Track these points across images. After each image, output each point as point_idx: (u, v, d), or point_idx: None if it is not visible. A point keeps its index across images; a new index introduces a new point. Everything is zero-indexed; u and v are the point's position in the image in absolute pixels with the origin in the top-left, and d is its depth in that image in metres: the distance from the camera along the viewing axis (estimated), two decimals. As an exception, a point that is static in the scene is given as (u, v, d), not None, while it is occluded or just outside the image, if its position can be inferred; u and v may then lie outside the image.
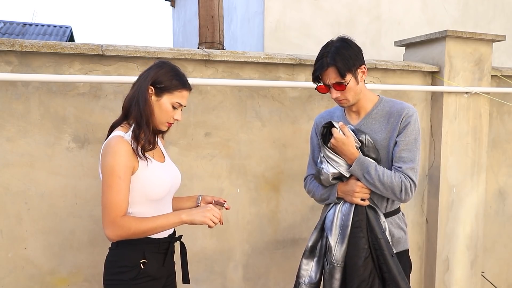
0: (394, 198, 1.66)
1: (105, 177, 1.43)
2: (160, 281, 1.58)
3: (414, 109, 1.70)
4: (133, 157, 1.46)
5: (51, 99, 2.00)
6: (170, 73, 1.52)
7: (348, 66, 1.62)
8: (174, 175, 1.64)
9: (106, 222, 1.41)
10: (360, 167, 1.64)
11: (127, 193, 1.44)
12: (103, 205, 1.42)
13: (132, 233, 1.42)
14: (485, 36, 2.79)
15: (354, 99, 1.70)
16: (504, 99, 3.03)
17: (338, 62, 1.62)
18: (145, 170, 1.50)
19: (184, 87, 1.53)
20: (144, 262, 1.51)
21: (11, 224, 1.98)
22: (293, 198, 2.52)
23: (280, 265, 2.52)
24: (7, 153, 1.95)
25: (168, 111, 1.53)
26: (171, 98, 1.52)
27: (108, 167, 1.42)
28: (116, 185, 1.41)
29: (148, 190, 1.51)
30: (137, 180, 1.48)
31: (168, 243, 1.59)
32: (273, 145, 2.45)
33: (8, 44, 1.87)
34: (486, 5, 4.96)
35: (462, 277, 2.89)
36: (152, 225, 1.44)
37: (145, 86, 1.50)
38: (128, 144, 1.45)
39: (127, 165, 1.43)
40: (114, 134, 1.49)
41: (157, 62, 1.56)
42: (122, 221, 1.41)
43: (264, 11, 3.95)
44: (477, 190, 2.89)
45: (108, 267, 1.55)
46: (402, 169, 1.64)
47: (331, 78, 1.65)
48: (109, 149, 1.44)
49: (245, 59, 2.28)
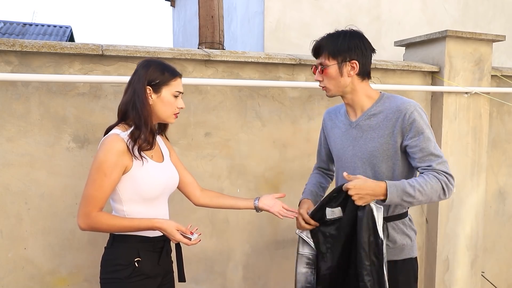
0: (440, 199, 1.57)
1: (92, 171, 1.47)
2: (156, 279, 1.59)
3: (414, 103, 1.62)
4: (126, 156, 1.48)
5: (51, 99, 2.00)
6: (159, 67, 1.56)
7: (333, 53, 1.61)
8: (170, 176, 1.65)
9: (80, 212, 1.48)
10: (396, 194, 1.49)
11: (108, 190, 1.48)
12: (82, 196, 1.49)
13: (103, 229, 1.49)
14: (485, 36, 2.79)
15: (336, 91, 1.67)
16: (504, 99, 3.03)
17: (328, 44, 1.62)
18: (140, 169, 1.52)
19: (176, 75, 1.59)
20: (138, 260, 1.52)
21: (11, 224, 1.98)
22: (293, 198, 2.51)
23: (280, 265, 2.52)
24: (7, 153, 1.95)
25: (171, 102, 1.57)
26: (170, 89, 1.56)
27: (97, 161, 1.47)
28: (100, 181, 1.46)
29: (142, 189, 1.53)
30: (130, 179, 1.51)
31: (163, 241, 1.61)
32: (273, 145, 2.45)
33: (8, 44, 1.87)
34: (486, 5, 4.96)
35: (462, 277, 2.89)
36: (124, 224, 1.48)
37: (141, 88, 1.52)
38: (123, 143, 1.48)
39: (117, 164, 1.46)
40: (111, 132, 1.52)
41: (141, 63, 1.58)
42: (95, 216, 1.46)
43: (264, 11, 3.95)
44: (477, 190, 2.89)
45: (103, 265, 1.58)
46: (432, 167, 1.54)
47: (318, 58, 1.67)
48: (102, 146, 1.48)
49: (245, 59, 2.28)
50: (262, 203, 1.77)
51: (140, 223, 1.49)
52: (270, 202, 1.77)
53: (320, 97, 2.52)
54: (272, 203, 1.76)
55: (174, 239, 1.50)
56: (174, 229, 1.48)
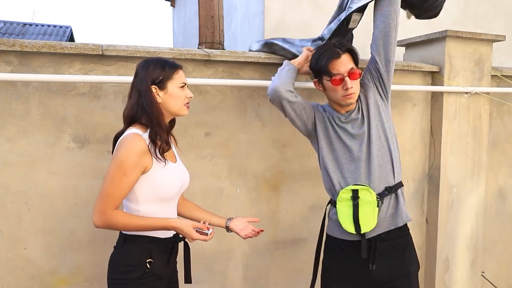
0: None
1: (111, 168, 1.46)
2: (164, 280, 1.59)
3: None
4: (147, 156, 1.48)
5: (51, 99, 2.00)
6: (158, 64, 1.56)
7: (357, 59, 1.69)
8: (184, 175, 1.67)
9: (96, 210, 1.46)
10: None
11: (126, 189, 1.47)
12: (100, 193, 1.47)
13: (118, 228, 1.49)
14: (485, 36, 2.79)
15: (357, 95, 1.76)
16: (504, 99, 3.03)
17: (353, 50, 1.66)
18: (160, 170, 1.52)
19: (177, 67, 1.60)
20: (150, 261, 1.52)
21: (11, 224, 1.98)
22: (293, 198, 2.52)
23: (280, 265, 2.52)
24: (7, 153, 1.95)
25: (179, 94, 1.58)
26: (174, 82, 1.57)
27: (118, 160, 1.45)
28: (119, 180, 1.44)
29: (160, 190, 1.53)
30: (149, 179, 1.50)
31: (173, 242, 1.61)
32: (273, 145, 2.45)
33: (8, 44, 1.87)
34: (486, 5, 4.96)
35: (462, 277, 2.89)
36: (139, 223, 1.47)
37: (146, 89, 1.52)
38: (144, 143, 1.47)
39: (137, 163, 1.45)
40: (131, 131, 1.50)
41: (139, 64, 1.58)
42: (111, 214, 1.45)
43: (264, 11, 3.95)
44: (477, 190, 2.89)
45: (112, 265, 1.56)
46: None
47: (347, 65, 1.65)
48: (124, 144, 1.47)
49: (245, 59, 2.28)
50: (233, 224, 1.78)
51: (155, 223, 1.48)
52: (241, 225, 1.77)
53: (320, 97, 2.52)
54: (242, 227, 1.77)
55: (191, 237, 1.49)
56: (191, 227, 1.48)
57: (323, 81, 1.83)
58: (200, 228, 1.50)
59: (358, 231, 1.76)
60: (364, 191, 1.76)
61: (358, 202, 1.74)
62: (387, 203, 1.81)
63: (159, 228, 1.50)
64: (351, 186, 1.78)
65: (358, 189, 1.76)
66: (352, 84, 1.74)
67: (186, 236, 1.50)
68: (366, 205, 1.74)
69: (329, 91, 1.83)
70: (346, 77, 1.73)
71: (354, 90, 1.76)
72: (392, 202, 1.83)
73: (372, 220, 1.74)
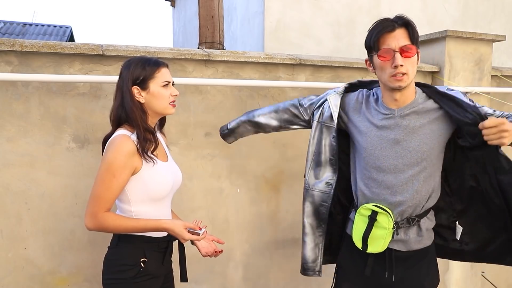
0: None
1: (101, 171, 1.45)
2: (159, 279, 1.59)
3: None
4: (136, 157, 1.47)
5: (51, 99, 2.00)
6: (139, 64, 1.53)
7: (416, 37, 1.48)
8: (176, 175, 1.65)
9: (88, 212, 1.46)
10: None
11: (116, 191, 1.46)
12: (90, 195, 1.47)
13: (110, 230, 1.48)
14: (485, 36, 2.79)
15: (411, 80, 1.50)
16: (504, 99, 3.03)
17: (411, 25, 1.47)
18: (150, 170, 1.51)
19: (159, 65, 1.55)
20: (144, 261, 1.52)
21: (11, 224, 1.98)
22: (293, 198, 2.51)
23: (280, 265, 2.52)
24: (7, 153, 1.95)
25: (162, 94, 1.54)
26: (156, 81, 1.53)
27: (106, 162, 1.44)
28: (108, 182, 1.44)
29: (151, 190, 1.52)
30: (139, 180, 1.50)
31: (167, 242, 1.61)
32: (273, 145, 2.45)
33: (8, 44, 1.87)
34: (486, 5, 4.96)
35: (462, 277, 2.88)
36: (131, 224, 1.47)
37: (127, 90, 1.51)
38: (132, 144, 1.46)
39: (126, 165, 1.45)
40: (119, 133, 1.50)
41: (123, 65, 1.57)
42: (102, 216, 1.45)
43: (264, 11, 3.95)
44: (477, 190, 2.88)
45: (107, 265, 1.56)
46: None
47: (400, 40, 1.44)
48: (112, 146, 1.46)
49: (245, 59, 2.28)
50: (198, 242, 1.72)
51: (147, 224, 1.48)
52: (204, 243, 1.74)
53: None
54: (205, 245, 1.74)
55: (183, 238, 1.48)
56: (182, 228, 1.47)
57: (373, 58, 1.56)
58: (192, 228, 1.49)
59: (364, 249, 1.64)
60: (383, 216, 1.57)
61: (374, 223, 1.59)
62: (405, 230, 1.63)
63: (151, 230, 1.49)
64: (371, 206, 1.59)
65: (378, 212, 1.58)
66: (404, 62, 1.45)
67: (178, 237, 1.50)
68: (380, 229, 1.59)
69: (378, 69, 1.55)
70: (397, 53, 1.45)
71: (406, 70, 1.47)
72: (413, 230, 1.64)
73: (381, 245, 1.60)
